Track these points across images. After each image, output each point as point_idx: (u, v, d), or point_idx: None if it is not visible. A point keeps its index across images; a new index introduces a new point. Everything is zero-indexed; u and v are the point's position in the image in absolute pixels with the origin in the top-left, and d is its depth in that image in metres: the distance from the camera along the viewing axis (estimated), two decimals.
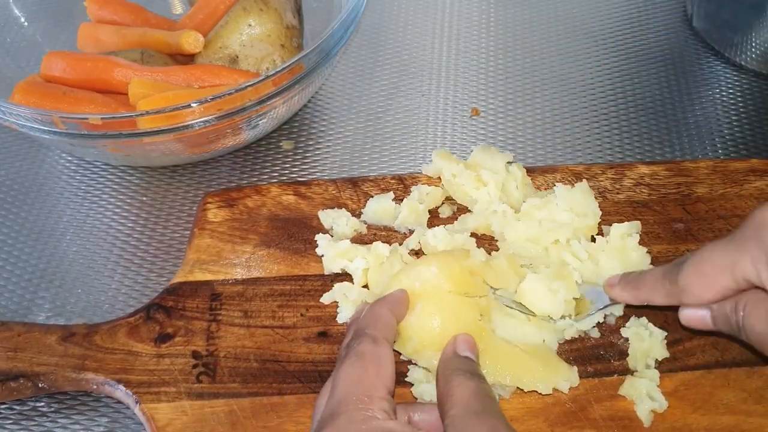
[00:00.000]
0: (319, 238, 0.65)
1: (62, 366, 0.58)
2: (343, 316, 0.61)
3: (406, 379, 0.56)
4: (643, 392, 0.55)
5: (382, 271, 0.61)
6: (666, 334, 0.58)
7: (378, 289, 0.61)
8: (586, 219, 0.63)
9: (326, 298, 0.62)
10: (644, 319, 0.59)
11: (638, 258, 0.61)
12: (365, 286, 0.62)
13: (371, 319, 0.53)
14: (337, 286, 0.62)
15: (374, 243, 0.63)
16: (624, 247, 0.61)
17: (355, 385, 0.47)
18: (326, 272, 0.64)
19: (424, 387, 0.55)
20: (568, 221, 0.63)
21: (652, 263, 0.61)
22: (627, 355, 0.58)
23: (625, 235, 0.61)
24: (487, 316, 0.57)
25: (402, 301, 0.55)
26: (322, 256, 0.64)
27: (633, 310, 0.60)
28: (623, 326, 0.59)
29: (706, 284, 0.49)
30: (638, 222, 0.63)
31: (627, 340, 0.59)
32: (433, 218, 0.67)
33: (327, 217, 0.67)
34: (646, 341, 0.57)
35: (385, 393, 0.48)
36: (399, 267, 0.60)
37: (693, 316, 0.52)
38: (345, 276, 0.64)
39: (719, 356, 0.58)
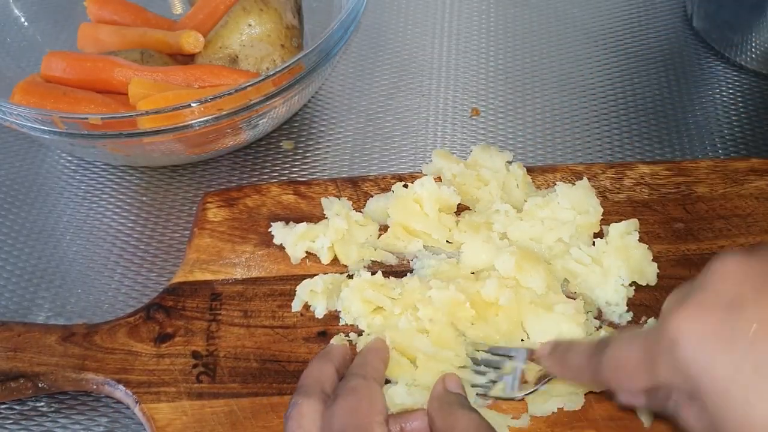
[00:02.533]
0: (274, 227, 0.65)
1: (62, 366, 0.58)
2: (320, 310, 0.61)
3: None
4: None
5: (346, 243, 0.63)
6: None
7: (350, 261, 0.63)
8: (588, 216, 0.63)
9: (296, 305, 0.62)
10: None
11: (640, 255, 0.61)
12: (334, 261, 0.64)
13: (359, 363, 0.54)
14: (298, 289, 0.62)
15: (330, 218, 0.64)
16: (625, 246, 0.61)
17: (352, 416, 0.48)
18: (293, 260, 0.64)
19: (394, 389, 0.55)
20: (570, 219, 0.63)
21: (653, 261, 0.61)
22: None
23: (624, 233, 0.61)
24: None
25: (385, 348, 0.57)
26: (281, 245, 0.65)
27: (644, 309, 0.60)
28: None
29: (627, 381, 0.46)
30: (636, 220, 0.63)
31: None
32: None
33: (330, 204, 0.67)
34: None
35: (381, 419, 0.49)
36: (363, 234, 0.63)
37: (626, 399, 0.48)
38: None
39: None
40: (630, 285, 0.61)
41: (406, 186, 0.65)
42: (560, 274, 0.61)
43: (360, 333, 0.59)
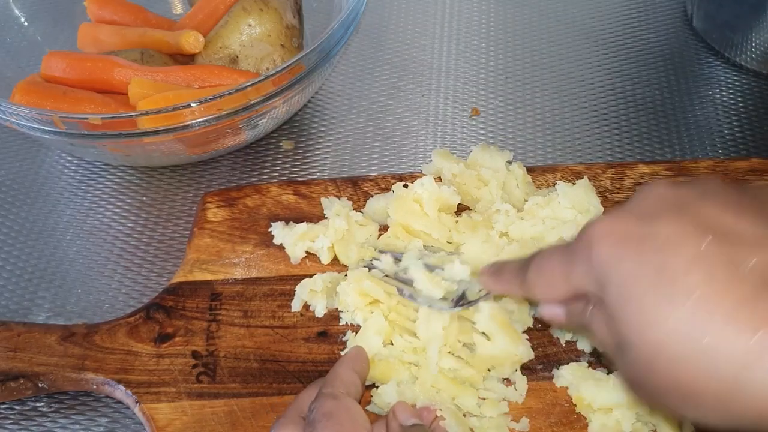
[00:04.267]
0: (274, 227, 0.65)
1: (62, 366, 0.58)
2: (320, 310, 0.61)
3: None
4: None
5: (346, 243, 0.63)
6: None
7: (350, 261, 0.63)
8: (589, 215, 0.63)
9: (296, 305, 0.62)
10: None
11: None
12: (334, 261, 0.64)
13: (330, 379, 0.52)
14: (298, 288, 0.62)
15: (330, 217, 0.64)
16: None
17: None
18: (293, 260, 0.64)
19: (384, 389, 0.55)
20: (571, 218, 0.63)
21: None
22: None
23: None
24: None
25: (360, 357, 0.56)
26: (281, 245, 0.65)
27: None
28: None
29: (549, 288, 0.47)
30: None
31: None
32: None
33: (330, 204, 0.66)
34: None
35: None
36: (363, 234, 0.64)
37: (548, 312, 0.50)
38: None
39: None
40: None
41: (406, 186, 0.65)
42: None
43: (356, 332, 0.59)
